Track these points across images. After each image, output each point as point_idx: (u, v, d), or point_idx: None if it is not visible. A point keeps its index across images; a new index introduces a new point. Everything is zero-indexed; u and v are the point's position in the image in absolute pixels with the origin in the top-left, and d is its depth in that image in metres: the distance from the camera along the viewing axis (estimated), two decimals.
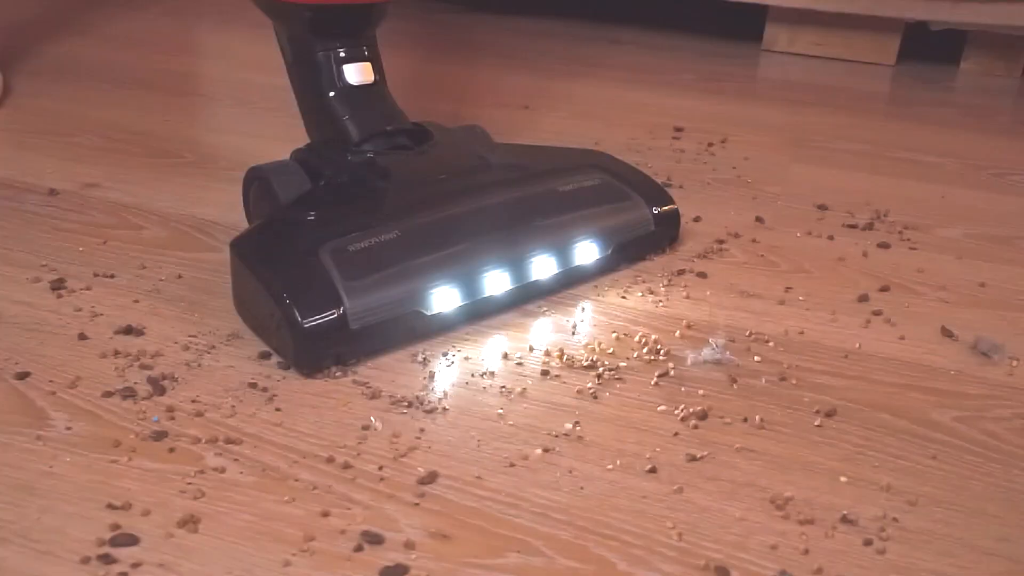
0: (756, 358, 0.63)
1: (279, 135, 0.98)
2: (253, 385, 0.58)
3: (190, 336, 0.62)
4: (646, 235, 0.74)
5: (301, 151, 0.74)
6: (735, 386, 0.60)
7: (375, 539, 0.47)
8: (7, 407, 0.55)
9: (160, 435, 0.53)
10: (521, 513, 0.49)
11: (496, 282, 0.65)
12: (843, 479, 0.52)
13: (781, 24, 1.37)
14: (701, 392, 0.59)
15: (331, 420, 0.55)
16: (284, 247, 0.63)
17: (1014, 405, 0.60)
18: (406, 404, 0.57)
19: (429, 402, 0.57)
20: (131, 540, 0.46)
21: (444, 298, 0.62)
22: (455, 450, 0.53)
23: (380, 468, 0.52)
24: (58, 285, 0.67)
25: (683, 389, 0.60)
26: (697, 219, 0.82)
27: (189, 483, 0.50)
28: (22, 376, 0.58)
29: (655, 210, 0.75)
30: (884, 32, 1.33)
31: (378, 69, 0.75)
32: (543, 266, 0.67)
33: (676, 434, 0.55)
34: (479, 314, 0.65)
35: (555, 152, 0.83)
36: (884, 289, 0.73)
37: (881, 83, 1.29)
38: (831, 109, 1.15)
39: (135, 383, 0.57)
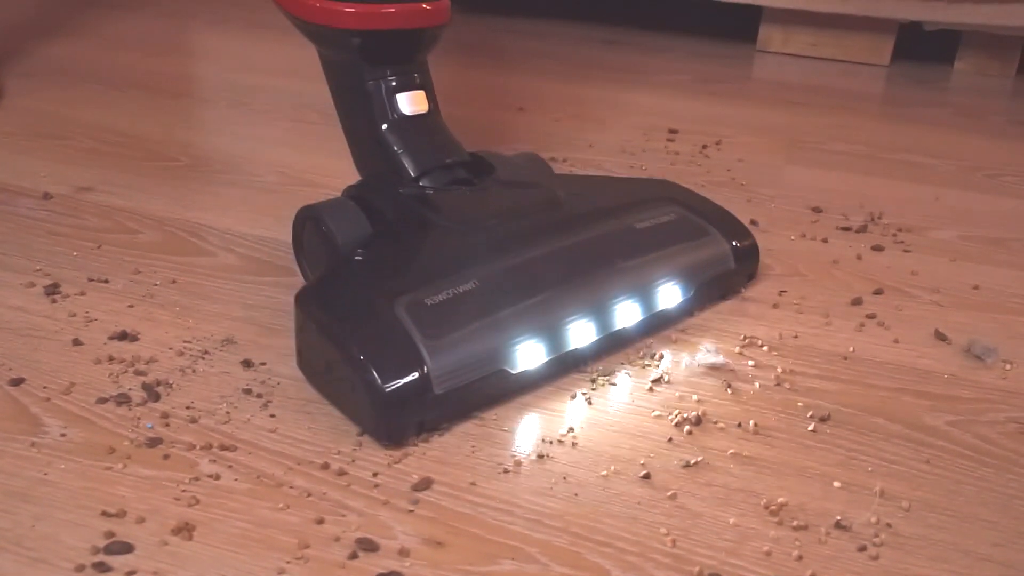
0: (750, 362, 0.63)
1: (274, 138, 0.98)
2: (248, 391, 0.58)
3: (184, 342, 0.62)
4: (726, 272, 0.70)
5: (355, 188, 0.68)
6: (729, 391, 0.60)
7: (370, 546, 0.47)
8: (1, 413, 0.55)
9: (154, 442, 0.53)
10: (515, 520, 0.49)
11: (581, 333, 0.60)
12: (837, 484, 0.52)
13: (775, 25, 1.37)
14: (695, 397, 0.59)
15: (326, 426, 0.55)
16: (356, 301, 0.57)
17: (1008, 409, 0.60)
18: None
19: None
20: (125, 548, 0.46)
21: (529, 354, 0.57)
22: (449, 456, 0.53)
23: (374, 475, 0.52)
24: (52, 290, 0.67)
25: (677, 394, 0.60)
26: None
27: (183, 490, 0.50)
28: (16, 382, 0.58)
29: (735, 244, 0.70)
30: (878, 32, 1.33)
31: (431, 97, 0.71)
32: (627, 313, 0.62)
33: (670, 440, 0.55)
34: (562, 370, 0.60)
35: (623, 184, 0.78)
36: (878, 292, 0.73)
37: (875, 83, 1.29)
38: (825, 110, 1.15)
39: (129, 389, 0.57)
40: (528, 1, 1.52)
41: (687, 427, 0.56)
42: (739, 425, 0.57)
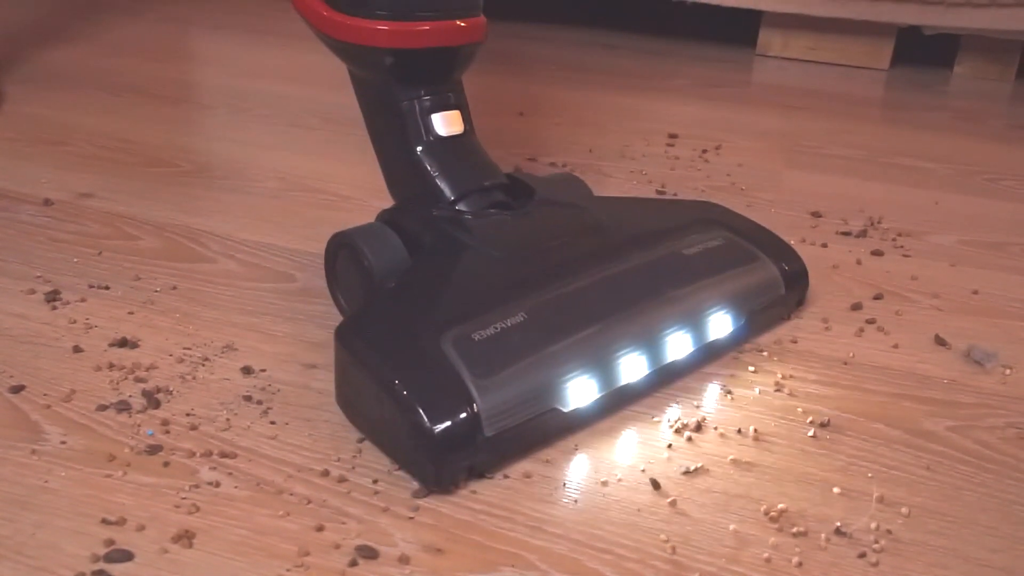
0: (750, 368, 0.63)
1: (275, 143, 0.98)
2: (248, 398, 0.58)
3: (184, 348, 0.62)
4: (777, 299, 0.67)
5: (389, 212, 0.66)
6: (729, 397, 0.60)
7: (370, 553, 0.47)
8: (1, 421, 0.55)
9: (155, 449, 0.53)
10: (515, 527, 0.49)
11: (633, 367, 0.57)
12: (836, 490, 0.52)
13: (775, 29, 1.37)
14: (695, 403, 0.59)
15: (326, 433, 0.55)
16: (400, 336, 0.54)
17: (1007, 414, 0.60)
18: None
19: None
20: (126, 556, 0.46)
21: (581, 391, 0.55)
22: None
23: (375, 482, 0.52)
24: (52, 297, 0.67)
25: (677, 400, 0.60)
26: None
27: (184, 498, 0.50)
28: (16, 389, 0.58)
29: (784, 268, 0.68)
30: (877, 37, 1.33)
31: (467, 117, 0.68)
32: (679, 344, 0.60)
33: (670, 446, 0.56)
34: (613, 406, 0.58)
35: (666, 206, 0.76)
36: (878, 297, 0.73)
37: (875, 88, 1.30)
38: (825, 114, 1.16)
39: (130, 396, 0.57)
40: (528, 6, 1.52)
41: (687, 433, 0.56)
42: (739, 431, 0.57)
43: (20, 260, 0.72)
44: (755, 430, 0.57)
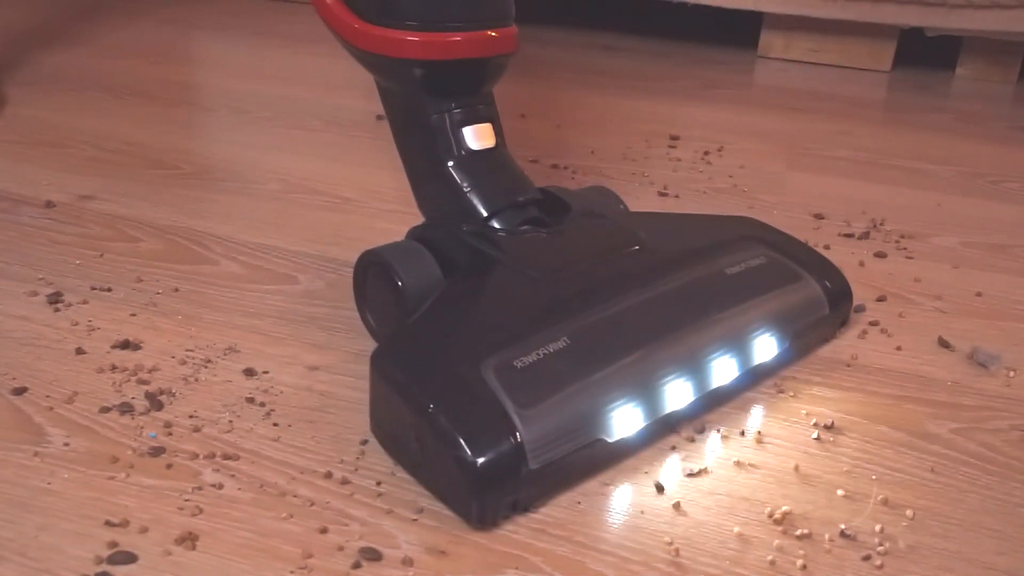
0: None
1: (276, 145, 0.98)
2: (251, 400, 0.58)
3: (187, 350, 0.62)
4: (821, 319, 0.65)
5: (420, 229, 0.65)
6: (733, 399, 0.60)
7: (373, 555, 0.47)
8: (4, 423, 0.55)
9: (158, 451, 0.53)
10: (519, 529, 0.49)
11: (678, 393, 0.55)
12: (841, 493, 0.52)
13: (776, 31, 1.37)
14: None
15: (328, 435, 0.55)
16: (439, 363, 0.52)
17: (1011, 416, 0.60)
18: None
19: None
20: (129, 558, 0.46)
21: (627, 420, 0.53)
22: None
23: (378, 483, 0.52)
24: (55, 299, 0.67)
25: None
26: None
27: (187, 500, 0.50)
28: (19, 391, 0.58)
29: (827, 286, 0.66)
30: (879, 38, 1.33)
31: (498, 130, 0.66)
32: (724, 369, 0.58)
33: (674, 448, 0.55)
34: (657, 435, 0.56)
35: (703, 222, 0.74)
36: (881, 299, 0.73)
37: (876, 89, 1.30)
38: (827, 116, 1.15)
39: (132, 398, 0.57)
40: (529, 8, 1.52)
41: (691, 435, 0.56)
42: (742, 433, 0.57)
43: (22, 262, 0.72)
44: (758, 432, 0.57)
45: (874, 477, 0.54)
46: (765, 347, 0.61)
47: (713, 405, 0.58)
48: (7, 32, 1.33)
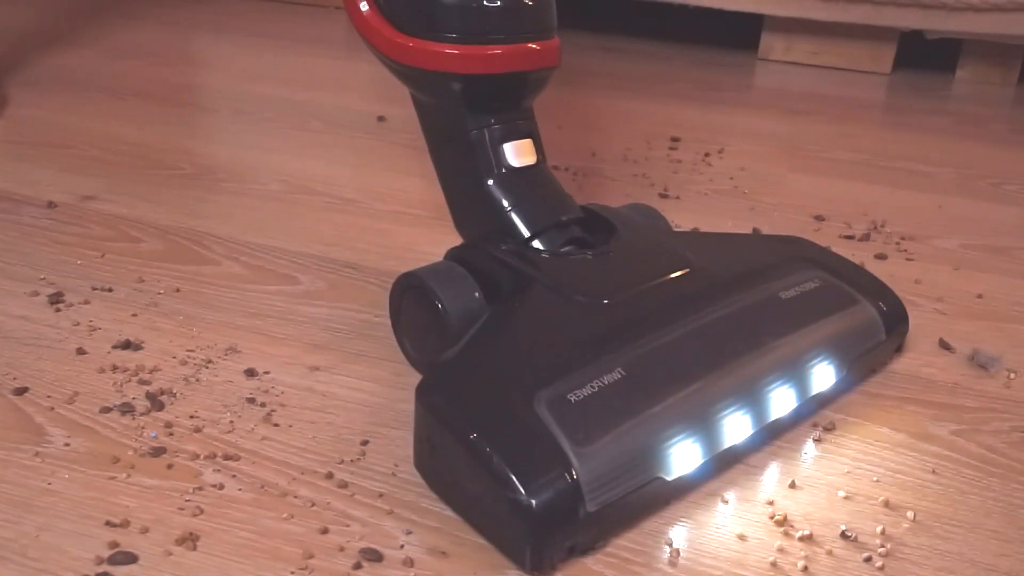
0: None
1: (277, 146, 0.98)
2: (251, 400, 0.58)
3: (188, 351, 0.62)
4: (878, 345, 0.62)
5: (459, 251, 0.62)
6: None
7: (374, 556, 0.47)
8: (5, 423, 0.55)
9: (158, 451, 0.53)
10: None
11: (738, 427, 0.53)
12: (842, 494, 0.52)
13: (777, 33, 1.38)
14: None
15: (329, 436, 0.55)
16: (489, 397, 0.49)
17: (1012, 418, 0.60)
18: (405, 417, 0.57)
19: None
20: (130, 558, 0.46)
21: (686, 456, 0.50)
22: None
23: (379, 484, 0.52)
24: (56, 299, 0.67)
25: None
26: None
27: (188, 500, 0.50)
28: (20, 391, 0.58)
29: (882, 308, 0.63)
30: (880, 41, 1.33)
31: (538, 146, 0.64)
32: (783, 400, 0.55)
33: None
34: (714, 472, 0.53)
35: (754, 242, 0.71)
36: None
37: (877, 92, 1.30)
38: (827, 118, 1.16)
39: (133, 398, 0.57)
40: None
41: None
42: None
43: (23, 262, 0.72)
44: None
45: (875, 479, 0.54)
46: (823, 376, 0.58)
47: (770, 438, 0.56)
48: (9, 33, 1.33)
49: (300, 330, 0.65)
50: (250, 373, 0.60)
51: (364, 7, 0.62)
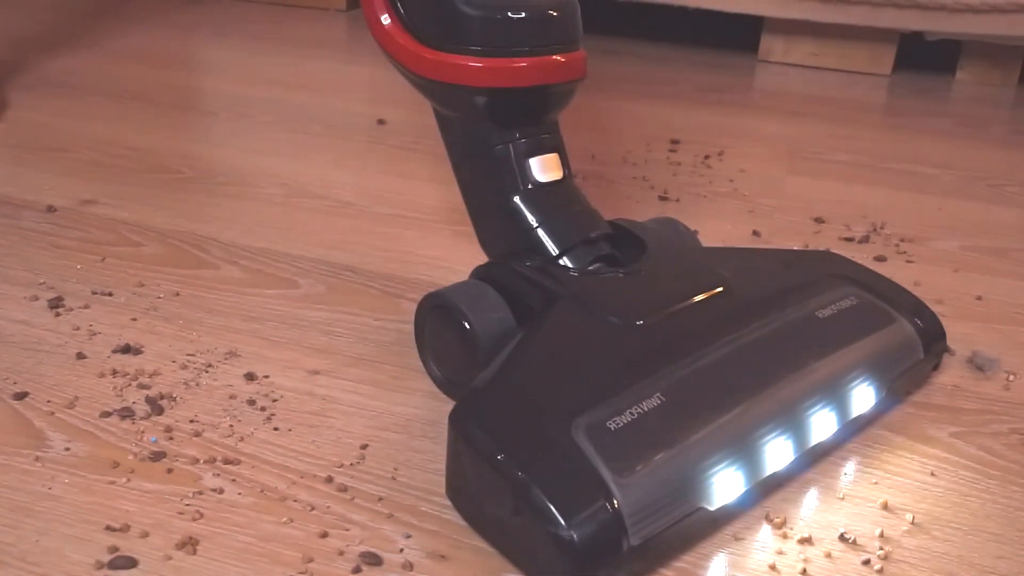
0: None
1: (277, 150, 0.98)
2: (251, 403, 0.58)
3: (188, 355, 0.62)
4: (916, 364, 0.61)
5: (486, 269, 0.60)
6: None
7: (374, 560, 0.47)
8: (5, 428, 0.55)
9: (158, 455, 0.53)
10: None
11: (779, 453, 0.51)
12: (841, 497, 0.52)
13: (777, 35, 1.38)
14: None
15: (329, 439, 0.55)
16: (526, 425, 0.47)
17: (1011, 420, 0.60)
18: (404, 421, 0.57)
19: (430, 422, 0.57)
20: (130, 563, 0.46)
21: (728, 485, 0.48)
22: None
23: (378, 488, 0.52)
24: (56, 303, 0.67)
25: None
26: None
27: (187, 504, 0.50)
28: (20, 396, 0.58)
29: (919, 325, 0.61)
30: (880, 42, 1.33)
31: (564, 161, 0.63)
32: (824, 424, 0.54)
33: None
34: (756, 501, 0.52)
35: (786, 258, 0.68)
36: None
37: (877, 93, 1.30)
38: (827, 120, 1.16)
39: (133, 403, 0.57)
40: None
41: None
42: None
43: (23, 266, 0.72)
44: None
45: (874, 481, 0.54)
46: (863, 398, 0.56)
47: (810, 464, 0.55)
48: (9, 36, 1.33)
49: (300, 334, 0.65)
50: (250, 377, 0.60)
51: (386, 20, 0.61)
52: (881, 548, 0.49)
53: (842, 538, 0.49)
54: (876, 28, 1.29)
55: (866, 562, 0.48)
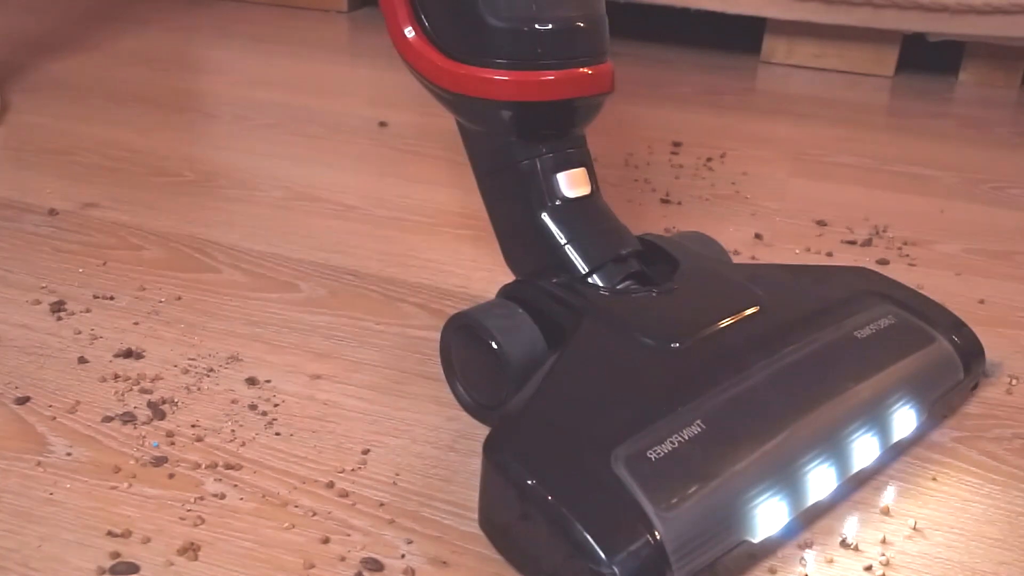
0: None
1: (279, 152, 0.98)
2: (253, 408, 0.58)
3: (189, 359, 0.62)
4: (956, 384, 0.59)
5: (513, 288, 0.59)
6: None
7: (375, 566, 0.47)
8: (7, 433, 0.55)
9: (160, 460, 0.53)
10: None
11: (823, 481, 0.50)
12: (843, 501, 0.52)
13: (779, 36, 1.37)
14: None
15: (331, 444, 0.55)
16: (564, 455, 0.45)
17: (1014, 425, 0.60)
18: (406, 426, 0.57)
19: (431, 427, 0.57)
20: (131, 568, 0.46)
21: (772, 516, 0.47)
22: (454, 475, 0.53)
23: (380, 493, 0.52)
24: (58, 307, 0.67)
25: None
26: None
27: (189, 510, 0.50)
28: (22, 401, 0.58)
29: (957, 343, 0.60)
30: (882, 44, 1.33)
31: (592, 176, 0.61)
32: (867, 449, 0.52)
33: None
34: (794, 531, 0.50)
35: (820, 275, 0.67)
36: None
37: (879, 95, 1.30)
38: (829, 122, 1.15)
39: (135, 407, 0.57)
40: None
41: None
42: None
43: (25, 270, 0.72)
44: None
45: (875, 487, 0.54)
46: (905, 421, 0.55)
47: (850, 491, 0.53)
48: (10, 38, 1.33)
49: (301, 338, 0.65)
50: (251, 382, 0.60)
51: (410, 33, 0.59)
52: (883, 554, 0.49)
53: (844, 544, 0.49)
54: (879, 29, 1.29)
55: (867, 568, 0.48)
